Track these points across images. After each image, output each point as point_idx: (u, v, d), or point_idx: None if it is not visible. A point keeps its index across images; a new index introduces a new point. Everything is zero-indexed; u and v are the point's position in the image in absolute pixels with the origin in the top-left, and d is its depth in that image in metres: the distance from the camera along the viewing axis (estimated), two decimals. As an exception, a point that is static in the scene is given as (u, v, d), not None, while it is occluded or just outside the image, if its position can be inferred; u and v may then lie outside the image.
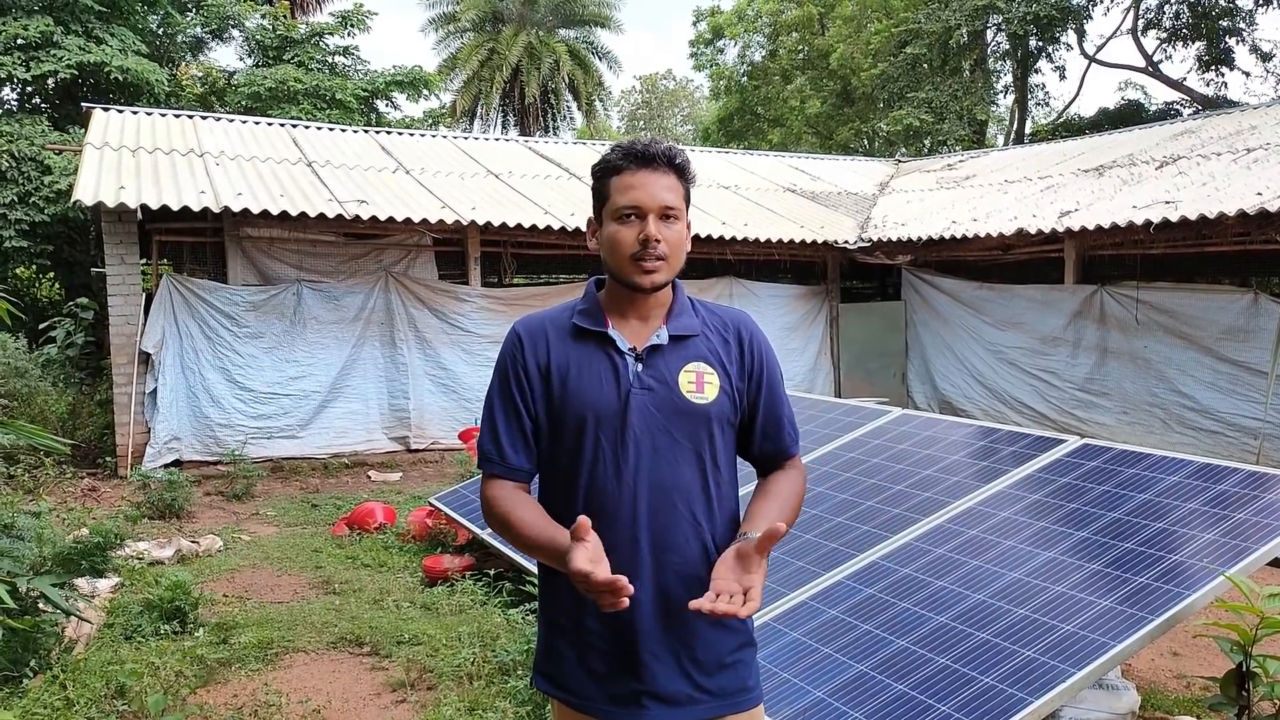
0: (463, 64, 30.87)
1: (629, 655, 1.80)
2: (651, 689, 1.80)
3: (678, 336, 1.86)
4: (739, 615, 1.61)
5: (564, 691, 1.87)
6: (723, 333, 1.91)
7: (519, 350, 1.87)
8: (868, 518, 4.01)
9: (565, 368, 1.84)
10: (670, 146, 1.85)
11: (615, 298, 1.88)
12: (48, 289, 14.65)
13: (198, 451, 9.42)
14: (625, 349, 1.84)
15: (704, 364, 1.86)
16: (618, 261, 1.82)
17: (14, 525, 4.49)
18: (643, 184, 1.80)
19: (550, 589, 1.90)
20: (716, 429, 1.86)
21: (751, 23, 27.07)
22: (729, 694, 1.85)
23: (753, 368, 1.92)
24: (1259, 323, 8.77)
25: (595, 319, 1.87)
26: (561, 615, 1.87)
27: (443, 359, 10.43)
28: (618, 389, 1.81)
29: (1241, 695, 2.79)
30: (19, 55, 13.30)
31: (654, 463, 1.81)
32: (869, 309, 13.08)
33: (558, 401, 1.83)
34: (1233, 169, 9.75)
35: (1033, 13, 19.68)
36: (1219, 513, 3.23)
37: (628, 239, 1.80)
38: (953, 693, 2.78)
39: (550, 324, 1.89)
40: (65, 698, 3.82)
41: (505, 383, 1.88)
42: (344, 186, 10.44)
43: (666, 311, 1.89)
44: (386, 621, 4.98)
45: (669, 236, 1.81)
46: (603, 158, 1.88)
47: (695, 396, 1.83)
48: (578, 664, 1.85)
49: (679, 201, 1.83)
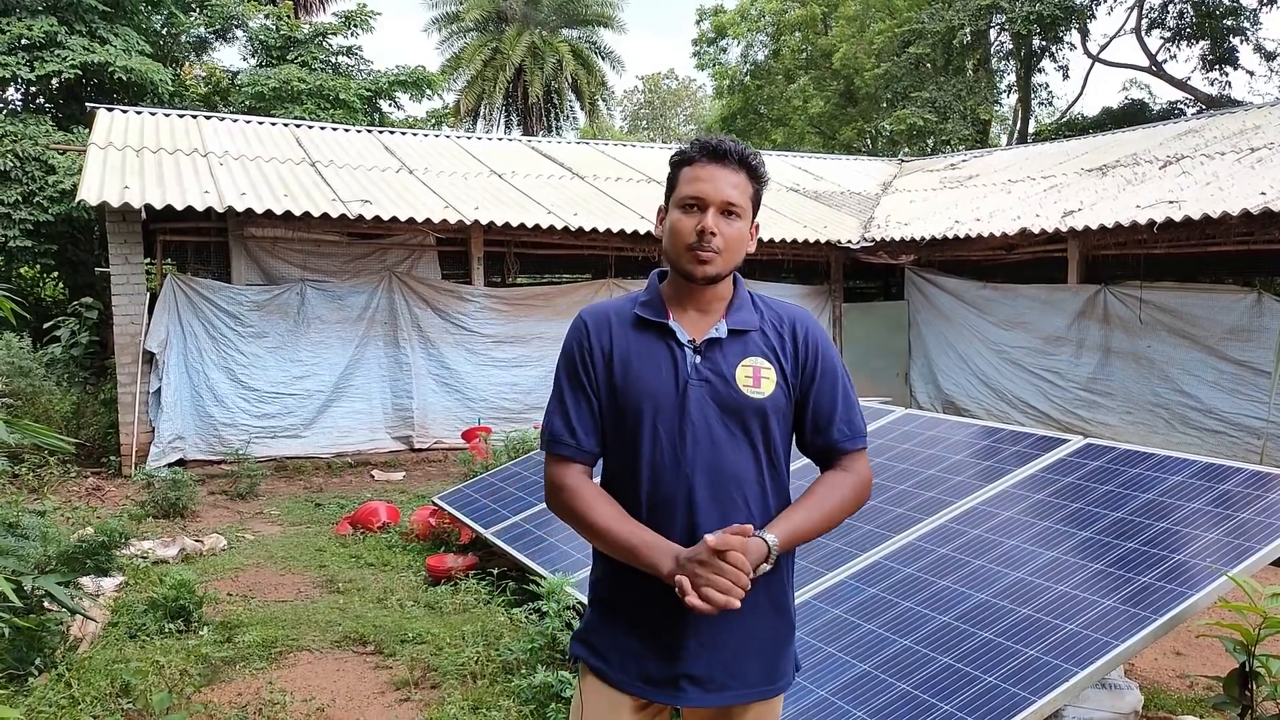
0: (466, 64, 30.90)
1: (676, 640, 1.84)
2: (690, 672, 1.84)
3: (736, 331, 1.90)
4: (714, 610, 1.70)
5: (601, 661, 1.91)
6: (779, 328, 1.94)
7: (585, 336, 1.92)
8: (870, 517, 4.02)
9: (627, 356, 1.89)
10: (746, 147, 1.90)
11: (676, 289, 1.93)
12: (52, 289, 14.68)
13: (202, 451, 9.44)
14: (684, 340, 1.88)
15: (761, 359, 1.90)
16: (675, 249, 1.87)
17: (19, 524, 4.49)
18: (710, 177, 1.85)
19: (608, 573, 1.93)
20: (773, 421, 1.89)
21: (754, 22, 27.05)
22: (762, 682, 1.89)
23: (806, 361, 1.93)
24: (1263, 322, 8.75)
25: (657, 310, 1.91)
26: (609, 591, 1.92)
27: (446, 359, 10.44)
28: (675, 379, 1.86)
29: (1244, 695, 2.79)
30: (23, 55, 13.31)
31: (712, 453, 1.85)
32: (872, 309, 13.08)
33: (619, 388, 1.88)
34: (1237, 168, 9.74)
35: (1036, 12, 19.64)
36: (1222, 512, 3.23)
37: (686, 228, 1.85)
38: (956, 692, 2.78)
39: (614, 313, 1.94)
40: (70, 696, 3.84)
41: (573, 367, 1.92)
42: (348, 186, 10.45)
43: (726, 305, 1.93)
44: (390, 620, 4.99)
45: (728, 232, 1.85)
46: (680, 149, 1.93)
47: (751, 391, 1.87)
48: (619, 641, 1.89)
49: (744, 200, 1.87)
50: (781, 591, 1.92)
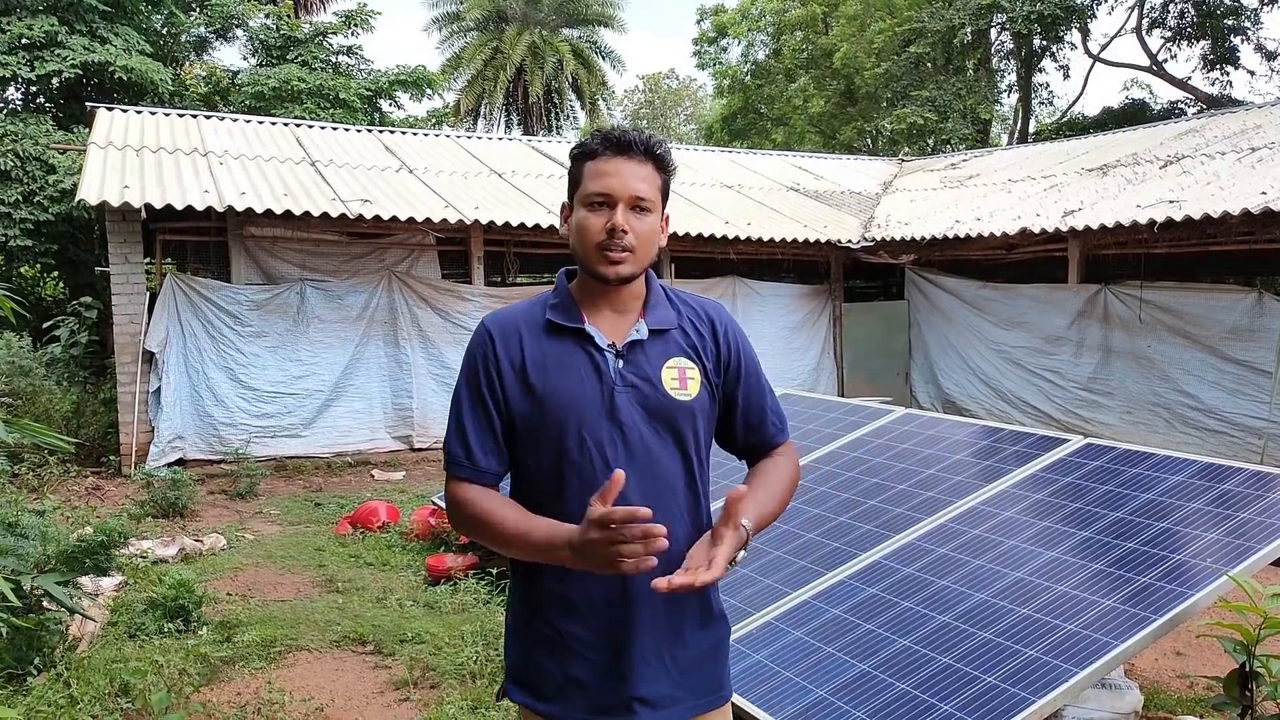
0: (466, 63, 30.92)
1: (620, 659, 1.74)
2: (640, 693, 1.74)
3: (656, 330, 1.81)
4: (694, 584, 1.55)
5: (546, 703, 1.78)
6: (698, 325, 1.86)
7: (490, 348, 1.78)
8: (870, 517, 4.01)
9: (543, 365, 1.76)
10: (651, 136, 1.78)
11: (587, 289, 1.82)
12: (52, 288, 14.68)
13: (201, 450, 9.43)
14: (604, 345, 1.78)
15: (685, 359, 1.81)
16: (584, 249, 1.76)
17: (19, 523, 4.49)
18: (616, 171, 1.74)
19: (528, 594, 1.81)
20: (700, 423, 1.82)
21: (755, 21, 27.05)
22: (705, 692, 1.82)
23: (728, 359, 1.87)
24: (1263, 322, 8.75)
25: (570, 314, 1.80)
26: (541, 623, 1.78)
27: (446, 358, 10.44)
28: (600, 387, 1.75)
29: (1245, 695, 2.78)
30: (23, 55, 13.30)
31: (645, 460, 1.76)
32: (872, 308, 13.07)
33: (537, 401, 1.75)
34: (1237, 168, 9.73)
35: (1037, 11, 19.63)
36: (1222, 512, 3.23)
37: (595, 226, 1.74)
38: (955, 692, 2.78)
39: (522, 320, 1.81)
40: (69, 695, 3.83)
41: (475, 381, 1.79)
42: (347, 186, 10.45)
43: (642, 303, 1.83)
44: (389, 620, 4.98)
45: (638, 228, 1.74)
46: (580, 142, 1.82)
47: (679, 393, 1.78)
48: (561, 675, 1.76)
49: (653, 193, 1.77)
50: (715, 593, 1.87)
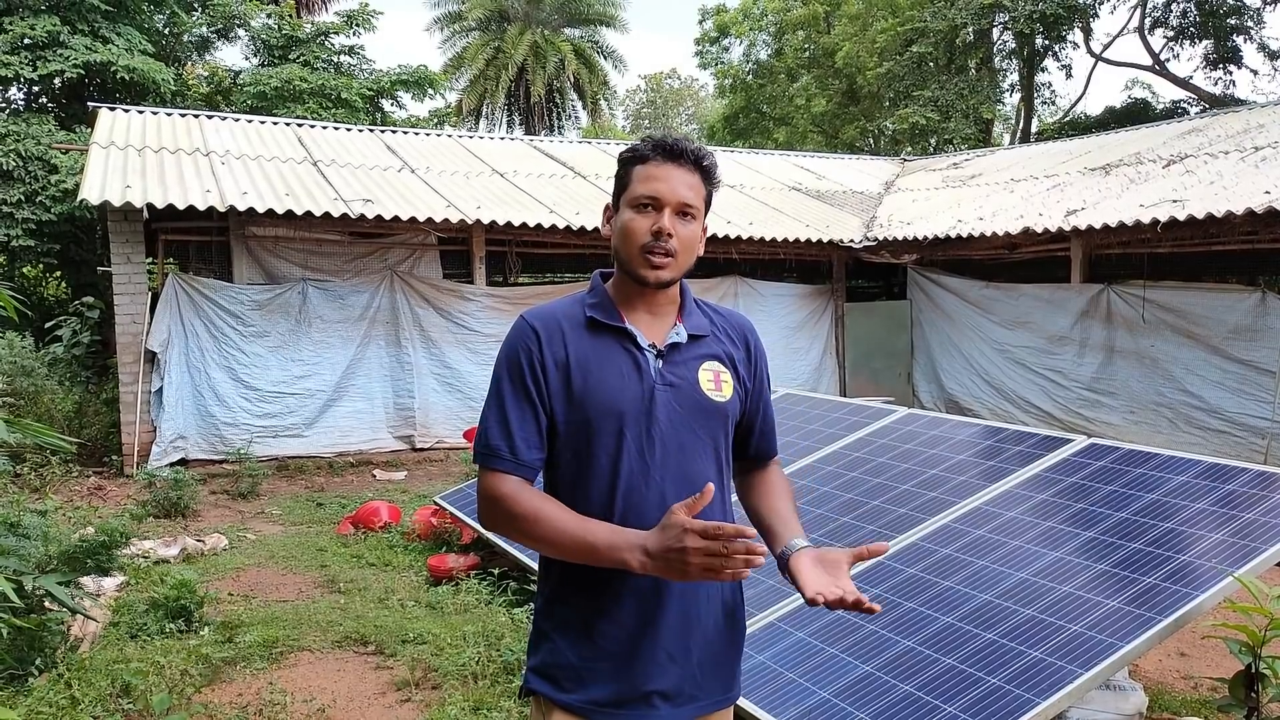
0: (468, 63, 30.93)
1: (645, 656, 1.77)
2: (662, 688, 1.78)
3: (694, 335, 1.87)
4: (875, 609, 1.66)
5: (566, 694, 1.80)
6: (731, 335, 1.93)
7: (535, 341, 1.79)
8: (873, 517, 4.00)
9: (585, 362, 1.79)
10: (700, 148, 1.83)
11: (625, 292, 1.85)
12: (54, 288, 14.69)
13: (203, 450, 9.43)
14: (645, 344, 1.82)
15: (719, 364, 1.88)
16: (628, 250, 1.80)
17: (20, 524, 4.49)
18: (665, 176, 1.78)
19: (558, 589, 1.83)
20: (730, 425, 1.90)
21: (757, 21, 27.04)
22: (719, 691, 1.87)
23: (758, 372, 1.96)
24: (1267, 322, 8.73)
25: (610, 313, 1.83)
26: (573, 617, 1.80)
27: (448, 358, 10.43)
28: (641, 385, 1.79)
29: (1250, 697, 2.77)
30: (25, 55, 13.32)
31: (679, 459, 1.80)
32: (874, 308, 13.06)
33: (578, 398, 1.78)
34: (1240, 167, 9.71)
35: (1039, 11, 19.61)
36: (1227, 513, 3.21)
37: (641, 228, 1.78)
38: (959, 693, 2.77)
39: (563, 317, 1.84)
40: (70, 696, 3.83)
41: (518, 374, 1.79)
42: (349, 186, 10.45)
43: (678, 309, 1.89)
44: (391, 621, 4.98)
45: (682, 234, 1.79)
46: (631, 146, 1.86)
47: (714, 395, 1.84)
48: (585, 668, 1.79)
49: (698, 202, 1.81)
50: (741, 598, 1.93)
